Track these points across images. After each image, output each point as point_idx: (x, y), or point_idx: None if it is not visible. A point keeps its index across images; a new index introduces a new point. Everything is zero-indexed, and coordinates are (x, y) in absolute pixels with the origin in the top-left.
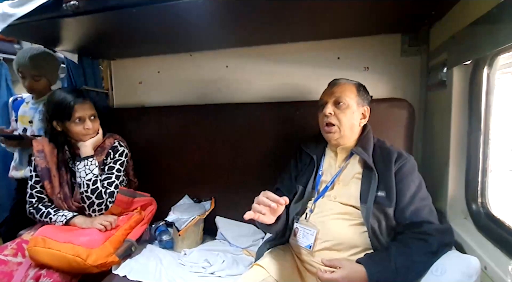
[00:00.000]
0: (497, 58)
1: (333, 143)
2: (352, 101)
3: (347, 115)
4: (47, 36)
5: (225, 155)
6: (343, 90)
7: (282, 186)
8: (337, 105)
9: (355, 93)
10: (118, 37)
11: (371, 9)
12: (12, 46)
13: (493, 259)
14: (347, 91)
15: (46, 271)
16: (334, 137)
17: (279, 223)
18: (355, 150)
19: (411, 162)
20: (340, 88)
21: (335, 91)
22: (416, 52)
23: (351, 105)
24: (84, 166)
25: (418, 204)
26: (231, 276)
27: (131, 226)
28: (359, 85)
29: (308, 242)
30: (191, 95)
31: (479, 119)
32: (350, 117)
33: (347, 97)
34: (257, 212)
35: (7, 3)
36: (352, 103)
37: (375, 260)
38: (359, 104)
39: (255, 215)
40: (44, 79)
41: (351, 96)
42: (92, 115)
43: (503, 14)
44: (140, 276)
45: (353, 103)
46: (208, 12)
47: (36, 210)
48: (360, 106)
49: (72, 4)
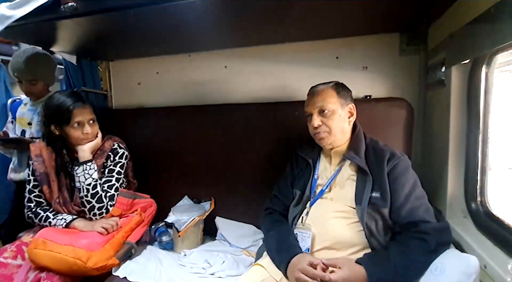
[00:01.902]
0: (495, 57)
1: (327, 147)
2: (335, 105)
3: (334, 121)
4: (45, 38)
5: (224, 155)
6: (324, 98)
7: (279, 192)
8: (322, 114)
9: (335, 96)
10: (117, 39)
11: (370, 8)
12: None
13: (493, 257)
14: (327, 98)
15: (46, 274)
16: (327, 142)
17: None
18: (347, 156)
19: (404, 161)
20: (320, 97)
21: (316, 101)
22: (414, 51)
23: (335, 110)
24: (83, 170)
25: (414, 203)
26: (231, 276)
27: (131, 228)
28: (337, 86)
29: (306, 245)
30: (190, 96)
31: (478, 117)
32: (338, 121)
33: (329, 104)
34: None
35: (5, 5)
36: (336, 107)
37: (374, 260)
38: (343, 105)
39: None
40: (41, 82)
41: (332, 101)
42: (91, 119)
43: (501, 13)
44: (140, 277)
45: (337, 107)
46: (206, 13)
47: (34, 214)
48: (345, 106)
49: (70, 6)
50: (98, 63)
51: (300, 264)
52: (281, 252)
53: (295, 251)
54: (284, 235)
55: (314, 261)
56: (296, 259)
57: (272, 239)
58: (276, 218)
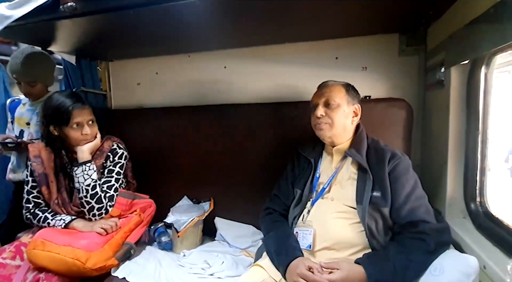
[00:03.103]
0: (495, 58)
1: (327, 141)
2: (342, 100)
3: (338, 114)
4: (45, 38)
5: (224, 156)
6: (332, 91)
7: (279, 192)
8: (327, 106)
9: (343, 92)
10: (116, 39)
11: (369, 9)
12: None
13: (492, 258)
14: (335, 91)
15: (44, 275)
16: (327, 134)
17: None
18: (349, 153)
19: (405, 161)
20: (329, 89)
21: (324, 92)
22: (414, 52)
23: (341, 104)
24: (82, 171)
25: (414, 203)
26: (231, 277)
27: (131, 228)
28: (347, 85)
29: (307, 242)
30: (190, 96)
31: (477, 118)
32: (342, 115)
33: (336, 97)
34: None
35: (4, 5)
36: (342, 102)
37: (374, 260)
38: (349, 103)
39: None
40: (40, 83)
41: (340, 96)
42: (91, 120)
43: (501, 14)
44: (139, 278)
45: (343, 102)
46: (206, 13)
47: (33, 215)
48: (351, 105)
49: (69, 6)
50: (98, 63)
51: (299, 268)
52: (280, 255)
53: (294, 254)
54: (283, 236)
55: (313, 266)
56: (295, 263)
57: (272, 240)
58: (275, 218)
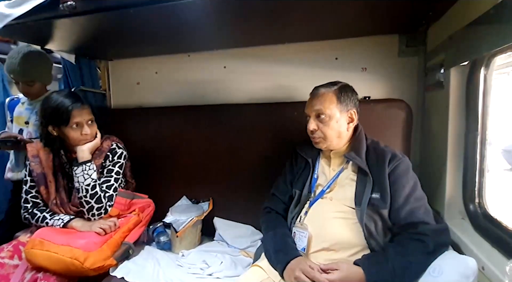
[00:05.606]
0: (494, 59)
1: (324, 149)
2: (334, 110)
3: (330, 127)
4: (44, 37)
5: (223, 156)
6: (323, 102)
7: (277, 191)
8: (319, 118)
9: (335, 102)
10: (116, 38)
11: (369, 9)
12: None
13: (491, 259)
14: (326, 103)
15: (43, 274)
16: (322, 146)
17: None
18: (348, 156)
19: (405, 162)
20: (319, 100)
21: (314, 104)
22: (413, 53)
23: (333, 115)
24: (82, 170)
25: (413, 205)
26: (229, 277)
27: (129, 228)
28: (340, 91)
29: (302, 245)
30: (189, 96)
31: (476, 119)
32: (334, 127)
33: (327, 109)
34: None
35: (4, 3)
36: (334, 113)
37: (373, 261)
38: (343, 111)
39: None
40: (38, 83)
41: (331, 107)
42: (90, 120)
43: (500, 15)
44: (138, 277)
45: (335, 113)
46: (206, 13)
47: (31, 215)
48: (345, 112)
49: (69, 5)
50: (97, 62)
51: (302, 264)
52: (279, 253)
53: (294, 253)
54: (282, 236)
55: (313, 266)
56: (296, 261)
57: (270, 239)
58: (274, 218)
